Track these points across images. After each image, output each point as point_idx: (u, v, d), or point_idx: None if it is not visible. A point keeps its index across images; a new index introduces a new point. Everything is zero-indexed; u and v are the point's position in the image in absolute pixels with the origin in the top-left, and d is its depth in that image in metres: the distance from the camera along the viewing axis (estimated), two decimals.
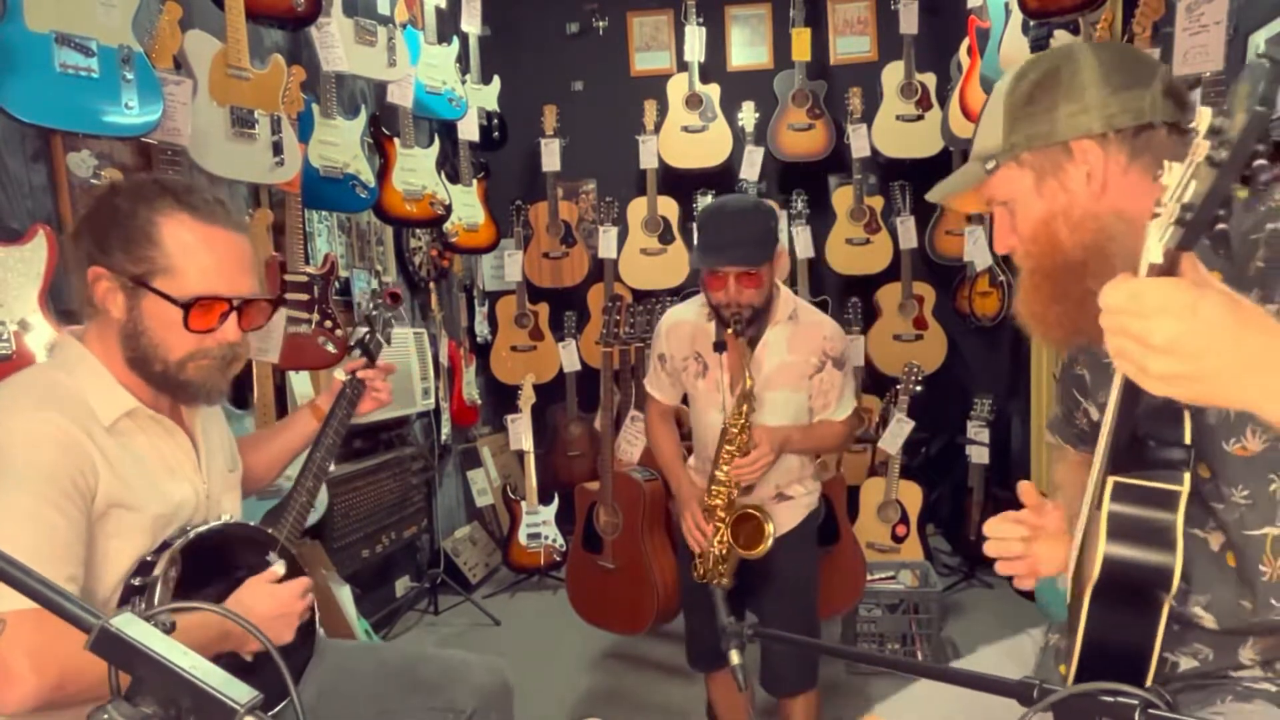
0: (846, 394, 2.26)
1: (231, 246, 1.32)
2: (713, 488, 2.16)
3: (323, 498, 3.01)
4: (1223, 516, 1.00)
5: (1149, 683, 0.90)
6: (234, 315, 1.32)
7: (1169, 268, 0.69)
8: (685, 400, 2.39)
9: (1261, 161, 0.65)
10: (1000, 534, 1.13)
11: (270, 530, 1.46)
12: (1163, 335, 0.68)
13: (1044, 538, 1.12)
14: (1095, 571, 0.90)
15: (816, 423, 2.24)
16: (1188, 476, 0.89)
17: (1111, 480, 0.90)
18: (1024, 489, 1.15)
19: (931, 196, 1.23)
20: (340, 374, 1.69)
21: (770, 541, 2.10)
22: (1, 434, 1.15)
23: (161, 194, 1.28)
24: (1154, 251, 0.69)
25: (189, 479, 1.37)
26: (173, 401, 1.40)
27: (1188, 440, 0.88)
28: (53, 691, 1.09)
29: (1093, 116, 1.01)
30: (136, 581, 1.24)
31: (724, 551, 2.16)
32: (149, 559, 1.25)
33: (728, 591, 2.17)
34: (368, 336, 1.75)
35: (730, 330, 2.05)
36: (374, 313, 1.79)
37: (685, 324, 2.26)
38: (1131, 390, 0.82)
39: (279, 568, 1.37)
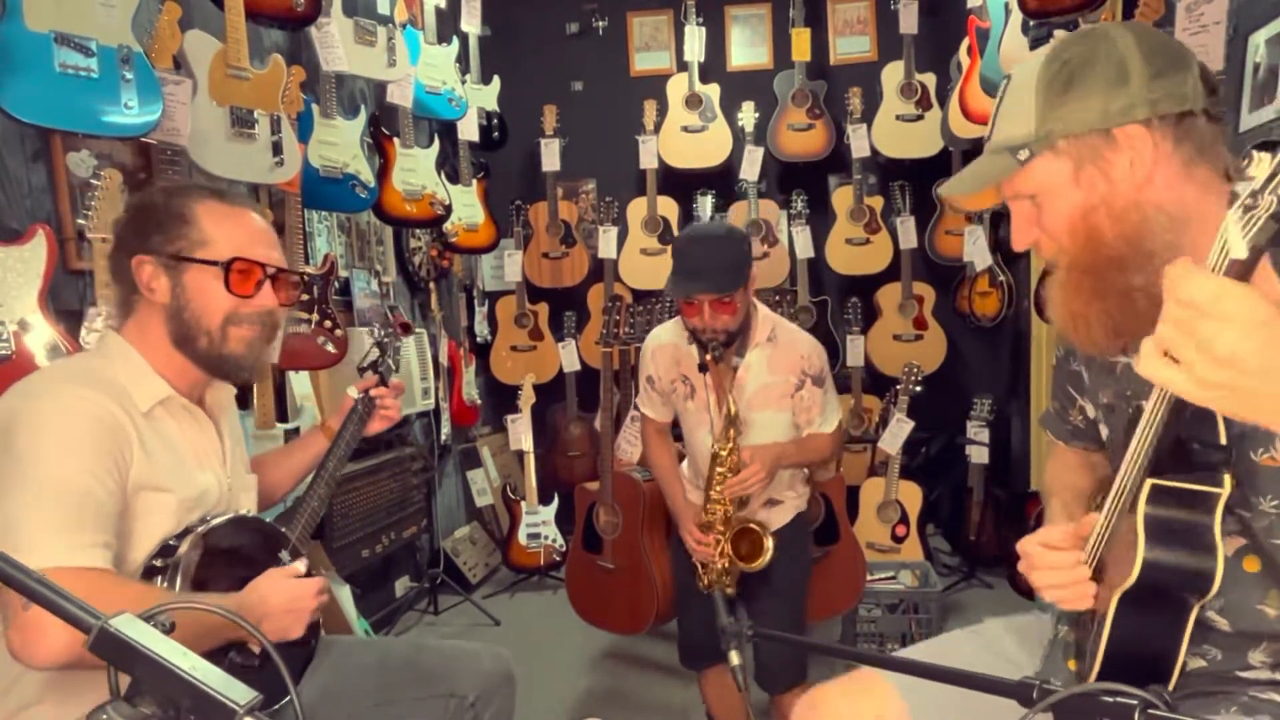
0: (829, 408, 2.30)
1: (258, 223, 1.43)
2: (708, 505, 2.20)
3: None
4: (1250, 524, 0.98)
5: (1172, 686, 0.89)
6: (269, 283, 1.41)
7: (1251, 264, 0.65)
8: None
9: None
10: (1050, 561, 1.05)
11: (284, 529, 1.50)
12: (1227, 347, 0.65)
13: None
14: (1133, 575, 0.88)
15: (806, 436, 2.29)
16: (1228, 478, 0.87)
17: (1149, 483, 0.88)
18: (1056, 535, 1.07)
19: (947, 191, 1.15)
20: (352, 391, 1.74)
21: (769, 555, 2.14)
22: (46, 409, 1.21)
23: (192, 186, 1.42)
24: (1237, 246, 0.64)
25: (214, 469, 1.43)
26: (206, 392, 1.47)
27: (1224, 440, 0.86)
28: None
29: (1138, 102, 0.95)
30: (159, 563, 1.28)
31: (725, 565, 2.21)
32: (172, 542, 1.30)
33: (728, 600, 2.22)
34: (379, 361, 1.80)
35: (709, 356, 2.10)
36: (384, 340, 1.84)
37: (667, 347, 2.30)
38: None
39: (300, 565, 1.41)
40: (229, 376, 1.45)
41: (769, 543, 2.15)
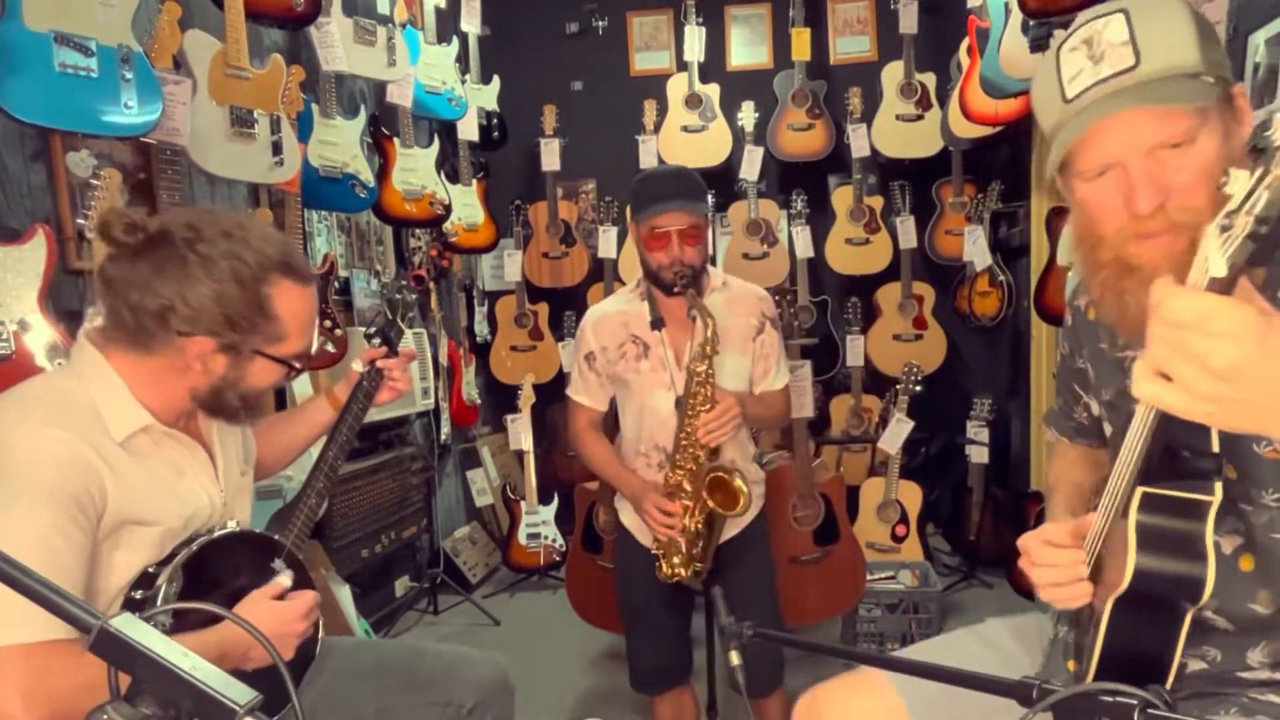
0: (782, 362, 2.25)
1: (313, 302, 1.39)
2: (677, 457, 2.05)
3: None
4: (1250, 519, 0.98)
5: (1169, 686, 0.89)
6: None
7: (1230, 281, 0.65)
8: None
9: None
10: (1052, 559, 1.04)
11: (277, 536, 1.44)
12: (1225, 360, 0.65)
13: None
14: (1124, 582, 0.88)
15: (760, 393, 2.22)
16: (1219, 486, 0.87)
17: (1140, 490, 0.88)
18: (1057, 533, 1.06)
19: (1111, 109, 0.92)
20: (357, 365, 1.64)
21: (746, 496, 1.98)
22: (7, 448, 1.13)
23: (252, 256, 1.28)
24: (1216, 264, 0.65)
25: (205, 489, 1.36)
26: (190, 416, 1.40)
27: (1215, 448, 0.86)
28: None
29: (1230, 65, 0.93)
30: (138, 595, 1.23)
31: (698, 527, 2.04)
32: (151, 570, 1.24)
33: (692, 591, 2.11)
34: (387, 325, 1.69)
35: (674, 291, 2.02)
36: (396, 296, 1.73)
37: (613, 314, 2.20)
38: None
39: (285, 579, 1.34)
40: (236, 423, 1.41)
41: (739, 483, 1.99)
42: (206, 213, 1.35)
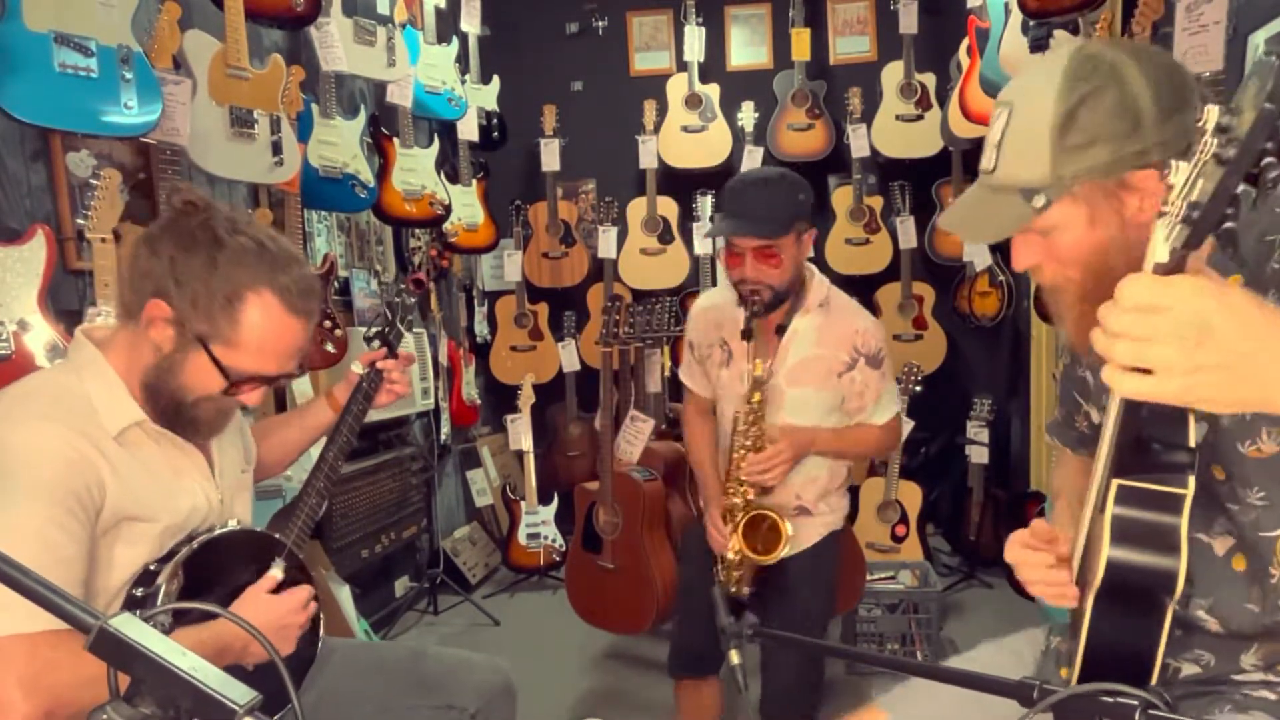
0: (886, 396, 2.09)
1: (297, 336, 1.31)
2: (729, 485, 2.02)
3: None
4: (1238, 518, 0.99)
5: (1153, 683, 0.90)
6: (264, 387, 1.33)
7: (1175, 268, 0.67)
8: None
9: (1270, 160, 0.62)
10: (1028, 560, 1.08)
11: (278, 535, 1.44)
12: (1197, 319, 0.66)
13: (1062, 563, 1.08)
14: (1099, 575, 0.89)
15: (852, 425, 2.08)
16: (1192, 480, 0.87)
17: (1115, 483, 0.89)
18: (1038, 529, 1.10)
19: (963, 238, 1.07)
20: (357, 367, 1.64)
21: (785, 547, 1.95)
22: (6, 446, 1.13)
23: (259, 265, 1.25)
24: (1160, 251, 0.67)
25: (201, 487, 1.36)
26: None
27: (1192, 443, 0.86)
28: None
29: (1150, 146, 0.95)
30: (139, 592, 1.23)
31: (737, 558, 2.03)
32: (152, 568, 1.24)
33: (738, 602, 2.09)
34: (387, 328, 1.69)
35: (749, 312, 1.91)
36: (395, 299, 1.72)
37: (713, 309, 2.14)
38: None
39: (276, 572, 1.34)
40: (181, 433, 1.34)
41: (785, 527, 1.94)
42: (264, 227, 1.31)
